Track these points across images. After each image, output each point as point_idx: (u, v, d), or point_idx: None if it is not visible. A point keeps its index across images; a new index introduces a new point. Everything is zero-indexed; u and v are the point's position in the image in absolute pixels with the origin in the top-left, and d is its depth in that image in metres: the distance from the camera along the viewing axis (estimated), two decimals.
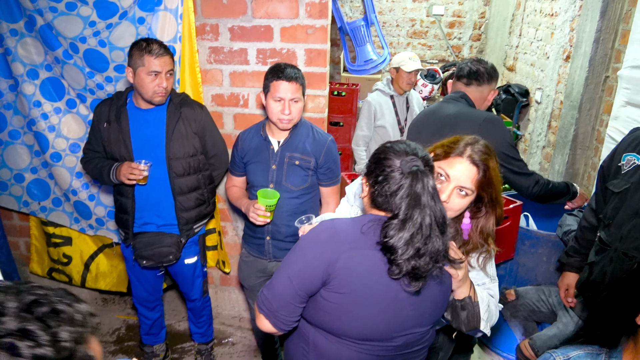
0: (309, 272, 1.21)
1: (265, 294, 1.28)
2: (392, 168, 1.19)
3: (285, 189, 2.11)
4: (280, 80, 1.96)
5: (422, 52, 5.86)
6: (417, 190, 1.14)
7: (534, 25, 4.37)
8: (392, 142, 1.26)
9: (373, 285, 1.19)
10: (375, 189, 1.22)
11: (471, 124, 2.06)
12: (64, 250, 2.99)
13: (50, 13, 2.37)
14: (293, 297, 1.24)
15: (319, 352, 1.31)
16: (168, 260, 2.30)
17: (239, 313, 3.18)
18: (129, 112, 2.17)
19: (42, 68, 2.56)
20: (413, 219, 1.13)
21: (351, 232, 1.23)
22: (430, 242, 1.13)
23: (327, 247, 1.20)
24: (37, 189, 2.84)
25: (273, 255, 2.22)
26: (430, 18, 5.71)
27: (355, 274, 1.18)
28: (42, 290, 0.75)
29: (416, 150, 1.22)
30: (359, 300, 1.20)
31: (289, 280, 1.23)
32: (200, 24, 2.45)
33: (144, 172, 2.09)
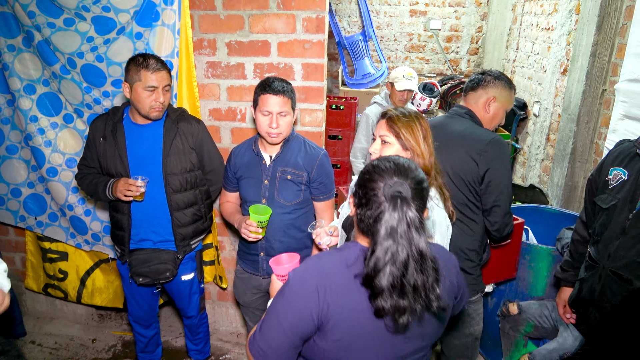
0: (301, 323, 1.15)
1: (262, 347, 1.19)
2: (374, 191, 1.11)
3: (278, 204, 2.09)
4: (267, 94, 1.95)
5: (420, 66, 5.88)
6: (392, 221, 1.07)
7: (530, 39, 4.39)
8: (380, 160, 1.19)
9: (364, 325, 1.14)
10: (359, 212, 1.16)
11: (476, 143, 1.98)
12: (59, 266, 2.96)
13: (48, 29, 2.37)
14: (290, 346, 1.18)
15: None
16: (165, 277, 2.27)
17: (236, 329, 3.13)
18: (125, 127, 2.15)
19: (40, 83, 2.55)
20: (384, 248, 1.06)
21: (339, 274, 1.17)
22: (408, 277, 1.07)
23: (315, 296, 1.14)
24: (34, 204, 2.82)
25: (267, 271, 2.19)
26: (428, 32, 5.75)
27: (346, 321, 1.14)
28: None
29: (406, 170, 1.14)
30: (351, 345, 1.16)
31: (285, 333, 1.16)
32: (198, 39, 2.45)
33: (140, 189, 2.07)
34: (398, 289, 1.07)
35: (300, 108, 2.48)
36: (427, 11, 5.67)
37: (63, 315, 3.28)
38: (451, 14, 5.66)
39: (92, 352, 2.99)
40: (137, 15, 2.30)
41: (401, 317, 1.09)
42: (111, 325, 3.23)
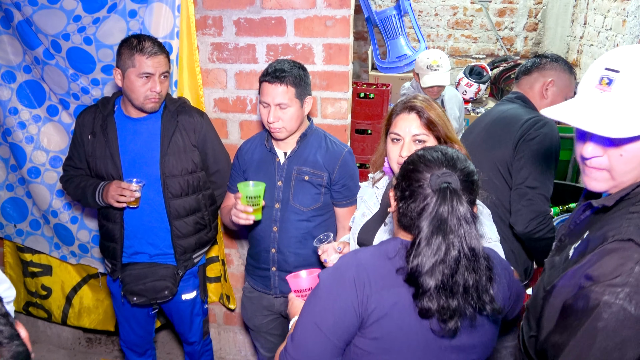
0: (343, 321, 1.21)
1: (296, 358, 1.24)
2: (420, 183, 1.19)
3: (294, 210, 2.09)
4: (264, 82, 1.97)
5: (467, 46, 5.82)
6: (442, 213, 1.13)
7: (601, 11, 4.29)
8: (426, 150, 1.27)
9: (408, 326, 1.20)
10: (401, 206, 1.23)
11: (511, 124, 2.05)
12: (42, 281, 3.03)
13: (29, 7, 2.43)
14: (333, 352, 1.24)
15: None
16: (163, 296, 2.30)
17: (246, 357, 3.15)
18: (117, 121, 2.19)
19: (20, 70, 2.62)
20: (433, 246, 1.13)
21: (378, 266, 1.24)
22: (458, 276, 1.13)
23: (354, 290, 1.21)
24: (13, 209, 2.89)
25: (280, 289, 2.19)
26: (476, 5, 5.67)
27: (387, 316, 1.19)
28: None
29: (454, 161, 1.21)
30: (392, 345, 1.21)
31: (326, 336, 1.22)
32: (201, 17, 2.47)
33: (135, 193, 2.10)
34: (448, 289, 1.13)
35: (320, 97, 2.48)
36: None
37: (46, 339, 3.36)
38: None
39: None
40: None
41: (450, 319, 1.15)
42: (101, 351, 3.30)
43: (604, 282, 1.03)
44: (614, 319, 1.00)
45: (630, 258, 1.03)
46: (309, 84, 2.06)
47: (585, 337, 1.04)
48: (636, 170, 1.13)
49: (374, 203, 1.88)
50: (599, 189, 1.19)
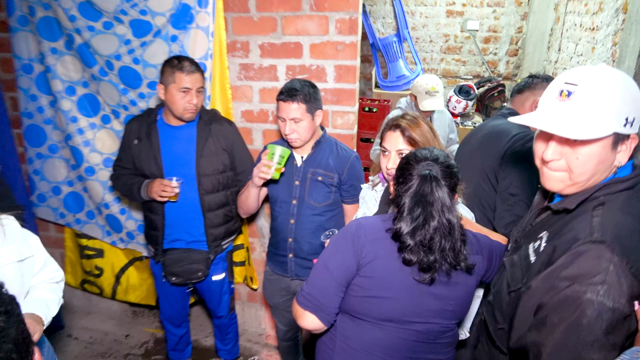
0: (345, 263, 1.36)
1: (309, 292, 1.40)
2: (410, 171, 1.33)
3: (308, 206, 2.08)
4: (280, 101, 1.98)
5: (457, 68, 5.76)
6: (422, 191, 1.29)
7: (574, 39, 4.23)
8: (418, 150, 1.41)
9: (393, 271, 1.34)
10: (396, 189, 1.37)
11: (501, 137, 2.00)
12: (96, 263, 3.04)
13: (87, 32, 2.45)
14: (336, 288, 1.38)
15: (344, 334, 1.44)
16: (197, 277, 2.30)
17: (265, 331, 3.14)
18: (159, 128, 2.19)
19: (80, 85, 2.63)
20: (414, 215, 1.28)
21: (373, 225, 1.40)
22: (436, 239, 1.27)
23: (354, 238, 1.37)
24: (73, 202, 2.91)
25: (295, 273, 2.18)
26: (465, 33, 5.62)
27: (377, 260, 1.34)
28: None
29: (437, 157, 1.35)
30: (381, 283, 1.35)
31: (331, 274, 1.37)
32: (231, 41, 2.47)
33: (175, 189, 2.11)
34: (426, 247, 1.28)
35: (331, 110, 2.46)
36: (464, 12, 5.55)
37: (98, 311, 3.38)
38: (490, 14, 5.52)
39: (125, 348, 3.07)
40: (172, 18, 2.34)
41: (427, 270, 1.30)
42: (144, 322, 3.31)
43: (584, 282, 0.98)
44: (596, 313, 0.96)
45: (604, 258, 0.99)
46: (319, 99, 2.05)
47: (570, 333, 0.99)
48: (592, 173, 1.10)
49: (374, 204, 1.87)
50: (556, 188, 1.17)
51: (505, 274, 1.31)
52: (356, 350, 1.41)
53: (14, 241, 1.48)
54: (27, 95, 2.71)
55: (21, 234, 1.53)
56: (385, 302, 1.35)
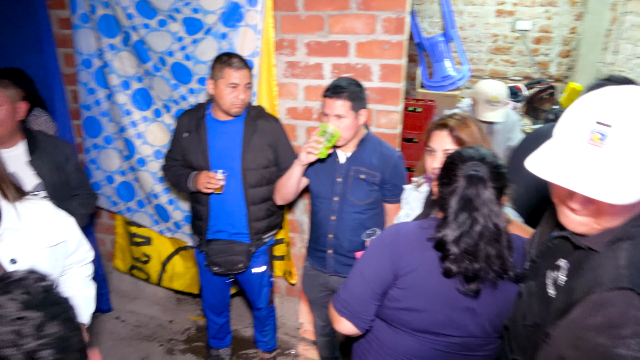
0: (382, 273, 1.33)
1: (345, 299, 1.38)
2: (454, 172, 1.25)
3: (350, 203, 2.08)
4: (326, 97, 1.99)
5: (505, 69, 5.59)
6: (468, 194, 1.21)
7: (632, 41, 4.01)
8: (463, 148, 1.33)
9: (432, 283, 1.29)
10: (440, 190, 1.30)
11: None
12: (144, 250, 3.16)
13: (143, 29, 2.54)
14: (372, 297, 1.35)
15: (380, 341, 1.42)
16: (238, 268, 2.35)
17: (302, 325, 3.16)
18: (207, 123, 2.25)
19: (134, 79, 2.74)
20: (460, 220, 1.20)
21: (412, 234, 1.35)
22: (481, 246, 1.20)
23: (392, 247, 1.33)
24: (125, 191, 3.03)
25: (334, 269, 2.18)
26: (515, 33, 5.45)
27: (416, 271, 1.29)
28: None
29: (484, 156, 1.25)
30: (418, 296, 1.30)
31: (367, 283, 1.35)
32: (279, 39, 2.50)
33: (220, 182, 2.16)
34: (471, 255, 1.20)
35: (376, 109, 2.45)
36: (514, 11, 5.37)
37: (145, 296, 3.51)
38: (541, 14, 5.32)
39: (169, 333, 3.17)
40: (223, 17, 2.39)
41: (472, 280, 1.22)
42: (187, 309, 3.40)
43: (613, 334, 0.84)
44: None
45: (633, 306, 0.85)
46: (364, 99, 2.04)
47: None
48: (624, 218, 0.95)
49: (417, 205, 1.85)
50: (579, 231, 1.02)
51: (522, 302, 1.21)
52: (390, 356, 1.41)
53: (48, 225, 1.50)
54: (86, 89, 2.85)
55: (56, 218, 1.55)
56: (421, 315, 1.31)
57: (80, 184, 2.28)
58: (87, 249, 1.69)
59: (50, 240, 1.49)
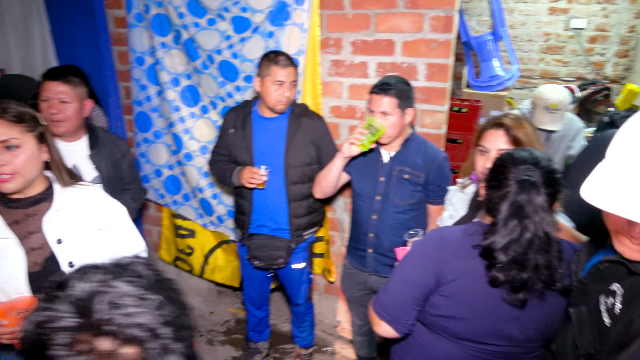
0: (424, 279, 1.30)
1: (385, 303, 1.36)
2: (505, 175, 1.20)
3: (392, 203, 2.06)
4: (372, 93, 1.97)
5: (557, 69, 5.38)
6: (519, 200, 1.15)
7: None
8: (515, 149, 1.28)
9: (476, 292, 1.25)
10: (488, 193, 1.26)
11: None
12: (188, 242, 3.25)
13: (193, 28, 2.61)
14: (413, 302, 1.33)
15: (420, 344, 1.41)
16: (278, 263, 2.38)
17: (340, 323, 3.17)
18: (253, 120, 2.29)
19: (184, 77, 2.82)
20: (509, 227, 1.15)
21: (456, 241, 1.30)
22: (530, 255, 1.15)
23: (435, 254, 1.29)
24: (172, 184, 3.13)
25: (374, 269, 2.17)
26: (569, 32, 5.23)
27: (459, 279, 1.26)
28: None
29: (538, 160, 1.19)
30: (460, 304, 1.27)
31: (408, 288, 1.32)
32: (324, 38, 2.51)
33: (263, 177, 2.19)
34: (519, 264, 1.15)
35: (421, 109, 2.42)
36: (569, 9, 5.16)
37: (187, 287, 3.60)
38: (598, 12, 5.08)
39: (209, 324, 3.25)
40: (270, 15, 2.42)
41: (520, 290, 1.17)
42: (227, 302, 3.48)
43: None
44: None
45: None
46: (412, 98, 2.02)
47: None
48: None
49: (462, 207, 1.81)
50: (639, 259, 0.94)
51: (571, 328, 1.12)
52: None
53: (95, 210, 1.57)
54: (138, 85, 2.96)
55: (104, 203, 1.61)
56: (463, 324, 1.28)
57: (132, 179, 2.37)
58: (137, 239, 1.75)
59: (96, 224, 1.56)
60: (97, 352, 0.58)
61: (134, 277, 0.66)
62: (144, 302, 0.63)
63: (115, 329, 0.59)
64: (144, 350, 0.60)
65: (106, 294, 0.61)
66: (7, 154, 1.35)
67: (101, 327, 0.59)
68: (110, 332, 0.59)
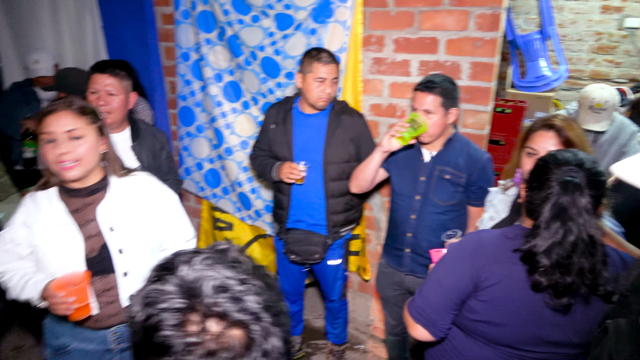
0: (460, 283, 1.27)
1: (421, 306, 1.34)
2: (547, 176, 1.17)
3: (432, 203, 2.04)
4: (416, 91, 1.95)
5: (608, 70, 5.16)
6: (562, 202, 1.12)
7: None
8: (559, 150, 1.24)
9: (515, 297, 1.21)
10: (528, 194, 1.23)
11: None
12: (226, 235, 3.32)
13: (237, 25, 2.66)
14: (449, 307, 1.31)
15: (456, 349, 1.39)
16: (314, 258, 2.39)
17: (373, 322, 3.16)
18: (294, 116, 2.31)
19: (227, 73, 2.88)
20: (552, 230, 1.12)
21: (495, 245, 1.27)
22: (574, 259, 1.11)
23: (473, 258, 1.26)
24: (212, 177, 3.21)
25: (411, 268, 2.15)
26: (622, 31, 4.99)
27: (498, 285, 1.22)
28: None
29: (582, 161, 1.16)
30: (498, 310, 1.24)
31: (444, 292, 1.30)
32: (366, 35, 2.50)
33: (302, 173, 2.21)
34: (563, 268, 1.12)
35: (463, 109, 2.37)
36: (623, 7, 4.93)
37: None
38: None
39: None
40: (313, 12, 2.44)
41: (563, 295, 1.14)
42: None
43: None
44: None
45: None
46: (456, 98, 1.98)
47: None
48: None
49: (503, 208, 1.77)
50: None
51: (608, 340, 1.06)
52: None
53: (147, 199, 1.64)
54: (183, 80, 3.04)
55: (156, 192, 1.68)
56: (502, 329, 1.25)
57: (170, 170, 2.44)
58: (188, 228, 1.82)
59: (148, 212, 1.63)
60: (208, 333, 0.60)
61: (234, 262, 0.68)
62: (246, 287, 0.64)
63: (223, 312, 0.61)
64: (249, 333, 0.62)
65: (212, 278, 0.63)
66: (72, 144, 1.45)
67: (210, 310, 0.61)
68: (218, 314, 0.61)
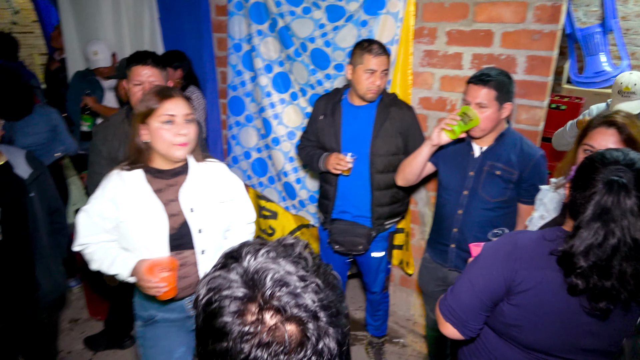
0: (493, 286, 1.24)
1: (452, 305, 1.32)
2: (593, 175, 1.11)
3: (480, 199, 2.00)
4: (470, 84, 1.91)
5: None
6: (606, 202, 1.06)
7: None
8: (608, 149, 1.17)
9: (550, 303, 1.18)
10: (572, 194, 1.18)
11: None
12: (270, 223, 3.38)
13: (289, 16, 2.69)
14: (481, 308, 1.28)
15: (488, 349, 1.36)
16: (357, 250, 2.40)
17: (413, 317, 3.14)
18: (342, 107, 2.32)
19: (276, 64, 2.92)
20: (592, 230, 1.07)
21: (531, 248, 1.22)
22: (615, 262, 1.05)
23: (508, 261, 1.22)
24: (259, 166, 3.28)
25: (455, 264, 2.12)
26: None
27: (532, 290, 1.19)
28: None
29: (633, 161, 1.09)
30: (532, 316, 1.21)
31: (476, 294, 1.27)
32: (419, 28, 2.47)
33: (349, 164, 2.22)
34: (602, 271, 1.06)
35: (517, 103, 2.30)
36: None
37: None
38: None
39: None
40: (365, 4, 2.44)
41: (601, 299, 1.08)
42: None
43: None
44: None
45: None
46: (512, 92, 1.92)
47: None
48: None
49: (554, 207, 1.71)
50: None
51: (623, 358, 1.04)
52: None
53: (221, 184, 1.75)
54: (234, 71, 3.11)
55: (228, 179, 1.80)
56: (534, 335, 1.22)
57: None
58: (251, 210, 1.93)
59: (221, 197, 1.74)
60: (264, 324, 0.61)
61: (297, 258, 0.69)
62: (305, 284, 0.65)
63: (280, 306, 0.62)
64: (304, 330, 0.62)
65: (274, 271, 0.65)
66: (188, 126, 1.59)
67: (268, 301, 0.62)
68: (274, 307, 0.62)
